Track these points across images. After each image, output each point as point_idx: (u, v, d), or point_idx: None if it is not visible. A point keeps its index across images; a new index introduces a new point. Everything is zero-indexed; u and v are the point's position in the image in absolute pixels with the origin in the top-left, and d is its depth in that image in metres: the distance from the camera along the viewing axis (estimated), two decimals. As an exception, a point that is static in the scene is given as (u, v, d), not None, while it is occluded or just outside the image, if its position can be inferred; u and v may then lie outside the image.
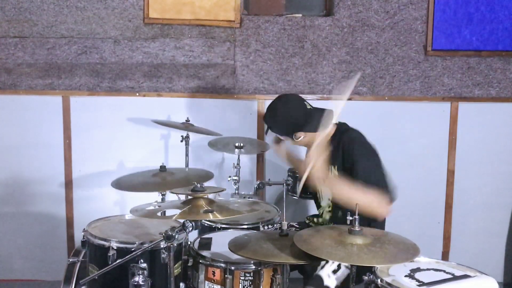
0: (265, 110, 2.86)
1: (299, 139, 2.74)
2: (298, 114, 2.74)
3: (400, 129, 3.83)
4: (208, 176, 3.04)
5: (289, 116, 2.75)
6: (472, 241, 3.97)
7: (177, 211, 2.16)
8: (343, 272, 2.46)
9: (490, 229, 3.96)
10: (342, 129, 2.74)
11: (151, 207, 2.33)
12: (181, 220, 2.16)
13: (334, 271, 2.45)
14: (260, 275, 2.26)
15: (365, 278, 2.12)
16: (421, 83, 3.82)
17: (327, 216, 2.87)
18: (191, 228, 2.15)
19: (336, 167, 2.69)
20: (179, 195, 2.60)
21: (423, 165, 3.88)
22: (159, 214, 2.29)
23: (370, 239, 2.11)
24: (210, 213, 2.14)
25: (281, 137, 2.86)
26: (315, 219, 2.96)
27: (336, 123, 2.76)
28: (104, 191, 3.63)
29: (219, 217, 2.13)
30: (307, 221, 3.01)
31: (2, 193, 3.78)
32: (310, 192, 3.01)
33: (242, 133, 3.67)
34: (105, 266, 2.24)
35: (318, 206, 2.95)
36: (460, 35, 3.78)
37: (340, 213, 2.75)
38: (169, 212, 2.99)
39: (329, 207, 2.83)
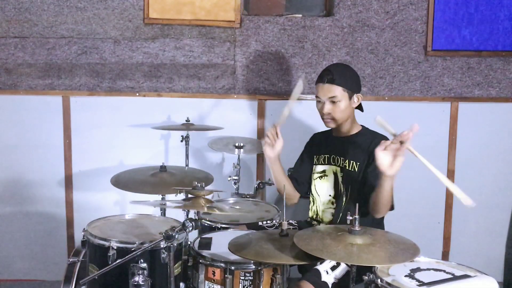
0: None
1: (356, 101, 2.79)
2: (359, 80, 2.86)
3: (400, 129, 3.81)
4: (208, 178, 3.04)
5: (357, 75, 2.86)
6: (472, 241, 3.96)
7: (179, 209, 2.15)
8: (342, 269, 2.45)
9: (490, 229, 3.96)
10: (370, 130, 2.81)
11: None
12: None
13: (333, 268, 2.45)
14: (260, 275, 2.26)
15: (365, 278, 2.11)
16: (421, 83, 3.82)
17: (325, 215, 2.85)
18: (191, 228, 2.15)
19: (358, 164, 2.73)
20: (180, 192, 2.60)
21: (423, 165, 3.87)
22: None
23: (370, 239, 2.11)
24: (212, 210, 2.15)
25: (339, 94, 2.72)
26: (313, 222, 2.94)
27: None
28: (104, 191, 3.62)
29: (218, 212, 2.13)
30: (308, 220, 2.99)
31: (2, 193, 3.78)
32: (307, 192, 2.99)
33: (242, 133, 3.68)
34: (105, 266, 2.24)
35: (314, 207, 2.92)
36: (460, 35, 3.78)
37: (346, 207, 2.74)
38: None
39: (332, 203, 2.82)
